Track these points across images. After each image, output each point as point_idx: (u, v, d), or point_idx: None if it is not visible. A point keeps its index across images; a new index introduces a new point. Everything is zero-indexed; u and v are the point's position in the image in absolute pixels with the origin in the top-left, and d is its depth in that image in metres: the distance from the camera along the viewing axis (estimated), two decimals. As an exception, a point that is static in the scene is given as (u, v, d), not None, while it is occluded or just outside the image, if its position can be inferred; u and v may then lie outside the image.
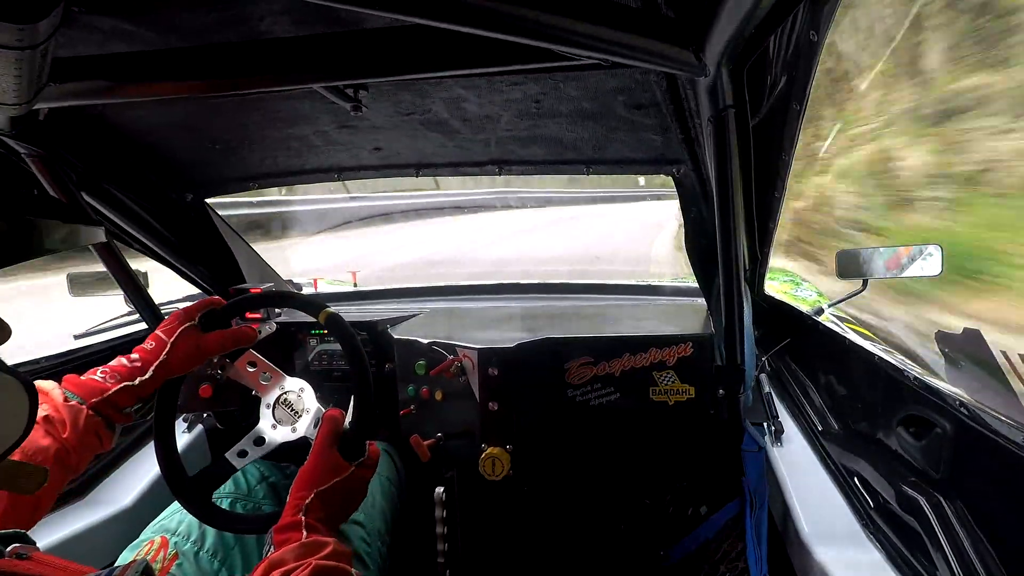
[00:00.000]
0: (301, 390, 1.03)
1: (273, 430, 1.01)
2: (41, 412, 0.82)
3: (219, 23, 0.79)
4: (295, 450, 1.01)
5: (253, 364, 1.04)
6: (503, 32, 0.66)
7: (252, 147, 1.33)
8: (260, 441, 1.00)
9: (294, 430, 1.01)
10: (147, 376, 0.92)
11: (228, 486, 1.14)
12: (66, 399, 0.86)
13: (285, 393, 1.03)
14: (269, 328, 1.11)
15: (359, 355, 0.95)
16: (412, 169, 1.45)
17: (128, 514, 1.19)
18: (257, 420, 1.02)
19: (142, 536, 1.04)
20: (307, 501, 0.81)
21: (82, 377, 0.90)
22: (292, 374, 1.06)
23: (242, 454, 0.99)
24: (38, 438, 0.81)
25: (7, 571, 0.58)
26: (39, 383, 0.87)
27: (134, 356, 0.93)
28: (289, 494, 0.84)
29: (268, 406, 1.02)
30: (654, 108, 1.06)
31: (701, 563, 1.36)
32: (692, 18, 0.72)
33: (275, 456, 1.03)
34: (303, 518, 0.80)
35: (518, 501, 1.70)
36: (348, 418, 0.93)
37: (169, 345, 0.94)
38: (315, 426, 1.01)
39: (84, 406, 0.86)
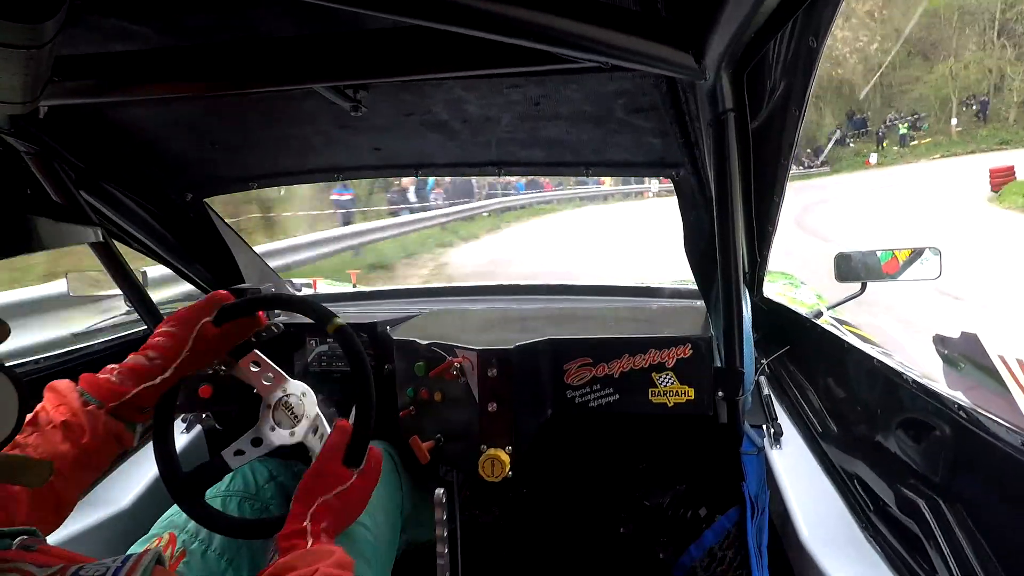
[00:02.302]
0: (303, 394, 1.02)
1: (272, 432, 1.00)
2: (59, 417, 0.82)
3: (220, 23, 0.79)
4: (292, 454, 1.01)
5: (257, 364, 1.03)
6: (503, 34, 0.66)
7: (252, 147, 1.33)
8: (258, 442, 1.00)
9: (292, 434, 1.01)
10: (167, 375, 0.90)
11: (236, 485, 1.14)
12: (85, 403, 0.84)
13: (287, 396, 1.03)
14: (276, 329, 1.11)
15: (365, 370, 0.94)
16: (412, 169, 1.45)
17: (127, 514, 1.19)
18: (256, 421, 1.01)
19: (150, 532, 1.04)
20: (312, 509, 0.82)
21: (99, 376, 0.88)
22: (292, 376, 1.06)
23: (239, 453, 0.99)
24: (57, 443, 0.80)
25: (12, 560, 0.59)
26: (55, 383, 0.87)
27: (152, 354, 0.91)
28: (293, 501, 0.85)
29: (269, 407, 1.02)
30: (654, 111, 1.07)
31: (705, 569, 1.36)
32: (692, 22, 0.72)
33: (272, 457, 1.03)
34: (308, 526, 0.80)
35: (517, 502, 1.70)
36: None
37: (190, 342, 0.92)
38: (314, 432, 1.01)
39: (102, 411, 0.85)
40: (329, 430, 0.96)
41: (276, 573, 0.72)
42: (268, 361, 1.03)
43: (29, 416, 0.80)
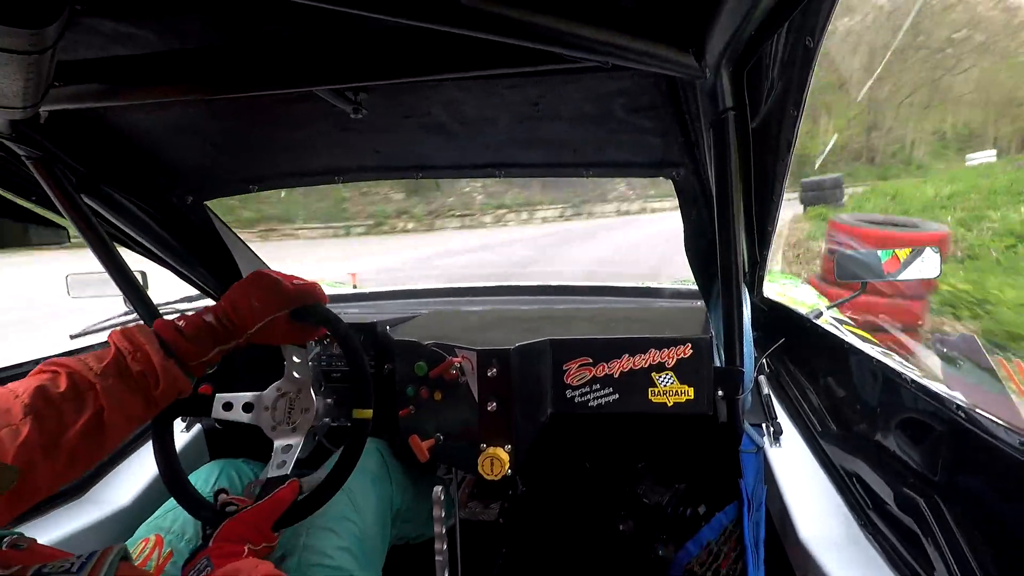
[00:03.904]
0: (305, 410, 1.05)
1: (283, 439, 1.03)
2: (136, 367, 0.85)
3: (220, 26, 0.80)
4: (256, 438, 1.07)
5: (229, 406, 1.06)
6: (502, 35, 0.66)
7: (252, 150, 1.34)
8: (248, 407, 1.04)
9: (274, 429, 1.06)
10: (241, 340, 0.95)
11: (222, 484, 1.15)
12: (165, 356, 0.88)
13: (273, 405, 1.06)
14: (325, 343, 1.16)
15: (355, 348, 1.00)
16: (411, 171, 1.45)
17: (126, 513, 1.19)
18: (263, 435, 1.04)
19: (136, 534, 1.04)
20: (231, 546, 0.88)
21: (170, 326, 0.92)
22: (292, 375, 1.07)
23: (227, 407, 1.03)
24: (127, 392, 0.83)
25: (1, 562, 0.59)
26: (127, 328, 0.89)
27: (225, 319, 0.95)
28: (224, 526, 0.90)
29: (273, 428, 1.05)
30: (654, 111, 1.07)
31: (703, 565, 1.36)
32: (691, 21, 0.72)
33: (247, 435, 1.07)
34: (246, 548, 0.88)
35: (517, 501, 1.70)
36: (306, 485, 0.98)
37: (264, 321, 0.96)
38: (315, 409, 1.07)
39: (176, 365, 0.89)
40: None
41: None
42: (234, 396, 1.07)
43: (107, 360, 0.83)
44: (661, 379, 1.16)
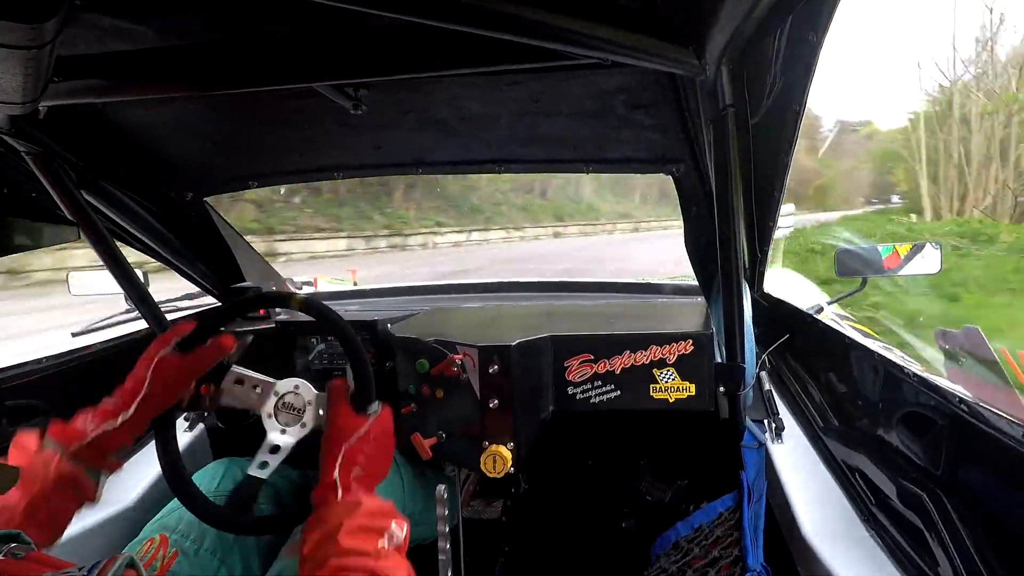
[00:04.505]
0: (296, 387, 1.02)
1: (283, 435, 1.00)
2: (15, 463, 0.78)
3: (220, 22, 0.79)
4: (313, 445, 1.02)
5: (240, 381, 1.02)
6: (503, 31, 0.66)
7: (252, 146, 1.33)
8: (275, 449, 0.99)
9: (303, 425, 1.00)
10: (130, 413, 0.86)
11: (226, 486, 1.14)
12: (39, 449, 0.80)
13: (282, 397, 1.03)
14: (246, 339, 1.10)
15: (343, 330, 0.96)
16: (412, 167, 1.45)
17: (130, 513, 1.19)
18: (264, 431, 1.01)
19: (141, 534, 1.04)
20: (338, 461, 0.82)
21: (69, 422, 0.85)
22: (293, 375, 1.06)
23: (263, 466, 0.98)
24: (10, 493, 0.75)
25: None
26: (21, 436, 0.83)
27: (115, 396, 0.88)
28: (320, 463, 0.85)
29: (270, 416, 1.02)
30: (654, 107, 1.06)
31: (692, 545, 1.36)
32: (692, 17, 0.72)
33: (296, 459, 1.02)
34: (337, 477, 0.81)
35: (519, 498, 1.70)
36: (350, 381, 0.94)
37: (148, 378, 0.89)
38: (321, 411, 1.01)
39: (59, 454, 0.80)
40: None
41: (304, 540, 0.74)
42: (250, 373, 1.02)
43: None
44: (662, 375, 1.16)
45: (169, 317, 1.45)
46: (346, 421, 0.87)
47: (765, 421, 1.24)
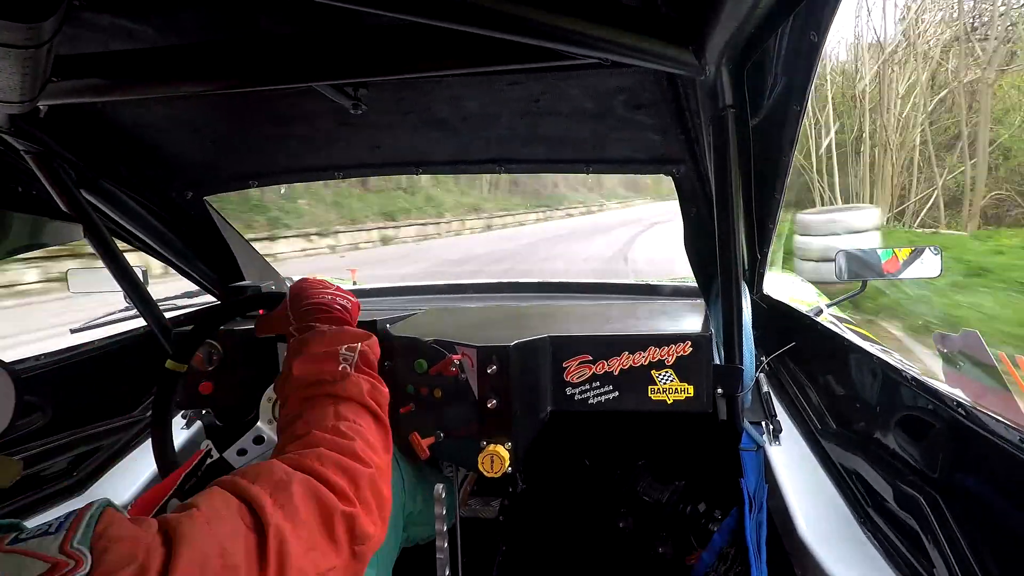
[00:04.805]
0: None
1: (271, 426, 1.01)
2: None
3: (219, 21, 0.79)
4: None
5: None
6: (503, 31, 0.66)
7: (252, 145, 1.33)
8: (259, 440, 1.00)
9: None
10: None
11: None
12: None
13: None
14: (216, 355, 1.16)
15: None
16: (412, 167, 1.45)
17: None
18: (256, 418, 1.01)
19: None
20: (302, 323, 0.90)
21: None
22: None
23: (241, 452, 0.99)
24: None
25: None
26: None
27: None
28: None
29: (269, 400, 1.02)
30: (654, 108, 1.06)
31: (717, 572, 1.37)
32: (692, 18, 0.72)
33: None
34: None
35: (517, 498, 1.70)
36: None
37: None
38: None
39: None
40: None
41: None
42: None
43: None
44: (661, 377, 1.16)
45: (168, 316, 1.45)
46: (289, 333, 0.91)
47: (763, 423, 1.24)
